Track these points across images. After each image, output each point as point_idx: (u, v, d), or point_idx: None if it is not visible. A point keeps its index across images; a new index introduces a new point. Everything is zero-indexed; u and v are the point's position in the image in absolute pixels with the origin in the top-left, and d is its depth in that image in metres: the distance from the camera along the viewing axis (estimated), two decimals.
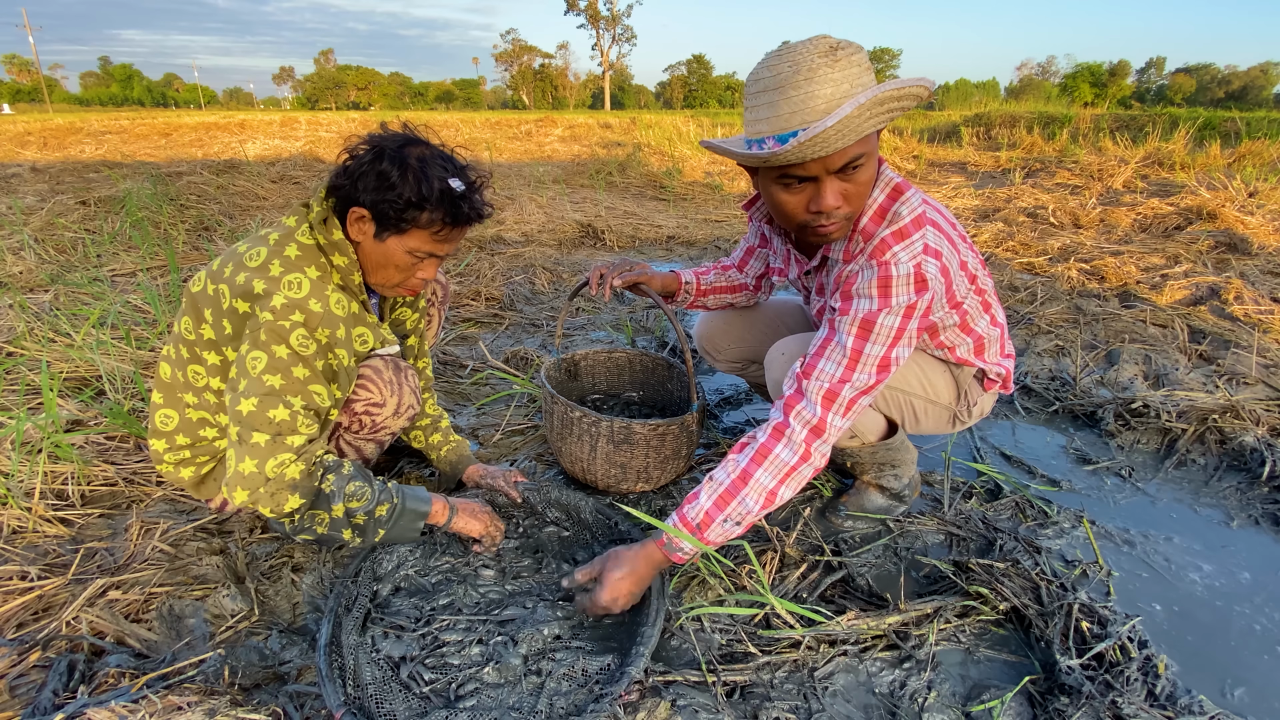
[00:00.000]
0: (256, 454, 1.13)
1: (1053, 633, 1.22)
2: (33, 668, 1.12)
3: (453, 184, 1.18)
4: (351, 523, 1.23)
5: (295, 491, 1.16)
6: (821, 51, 1.02)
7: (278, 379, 1.14)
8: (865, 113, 1.02)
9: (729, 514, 1.21)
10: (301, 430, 1.16)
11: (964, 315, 1.36)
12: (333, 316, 1.18)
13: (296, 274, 1.17)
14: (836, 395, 1.20)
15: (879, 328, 1.17)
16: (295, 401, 1.15)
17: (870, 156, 1.13)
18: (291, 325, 1.14)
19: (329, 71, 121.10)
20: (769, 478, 1.21)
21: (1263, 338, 2.72)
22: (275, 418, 1.13)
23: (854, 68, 1.03)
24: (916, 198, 1.22)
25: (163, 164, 7.57)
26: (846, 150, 1.07)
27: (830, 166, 1.10)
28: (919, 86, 1.06)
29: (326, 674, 1.06)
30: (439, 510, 1.34)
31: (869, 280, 1.18)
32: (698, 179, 8.06)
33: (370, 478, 1.26)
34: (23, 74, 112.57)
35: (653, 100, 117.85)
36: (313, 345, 1.16)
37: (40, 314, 2.71)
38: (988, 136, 12.97)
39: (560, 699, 1.08)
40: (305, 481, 1.17)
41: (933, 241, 1.18)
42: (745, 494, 1.21)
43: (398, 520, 1.26)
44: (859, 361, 1.19)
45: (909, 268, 1.15)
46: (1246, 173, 6.75)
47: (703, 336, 1.88)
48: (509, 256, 4.23)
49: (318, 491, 1.19)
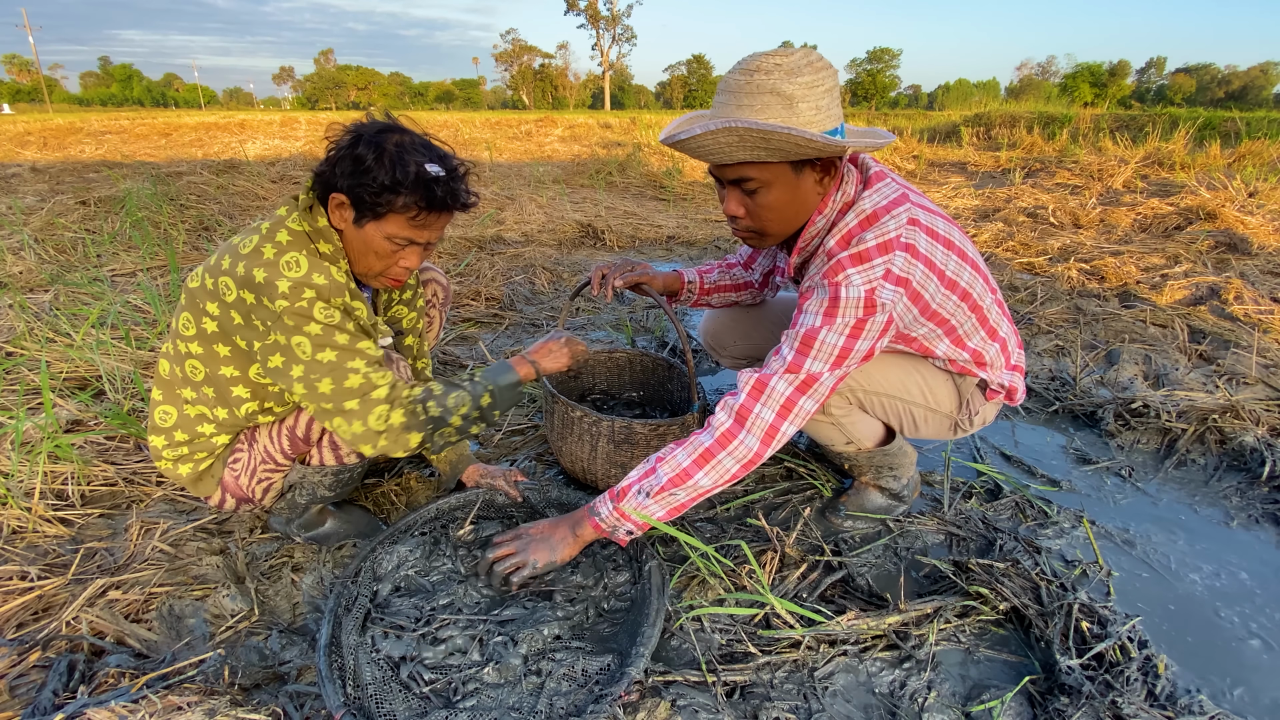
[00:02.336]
0: (357, 417, 1.20)
1: (1053, 633, 1.22)
2: (33, 668, 1.12)
3: (429, 168, 1.17)
4: (470, 421, 1.30)
5: (409, 431, 1.23)
6: (749, 69, 1.11)
7: (329, 353, 1.18)
8: (720, 138, 1.10)
9: (643, 485, 1.25)
10: (378, 382, 1.22)
11: (954, 329, 1.33)
12: (338, 284, 1.20)
13: (292, 253, 1.18)
14: (765, 385, 1.22)
15: (819, 344, 1.18)
16: (358, 363, 1.20)
17: (767, 185, 1.19)
18: (309, 302, 1.16)
19: (329, 71, 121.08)
20: (685, 457, 1.24)
21: (1263, 338, 2.72)
22: (352, 385, 1.19)
23: (765, 95, 1.09)
24: (893, 223, 1.19)
25: (163, 164, 7.57)
26: (730, 167, 1.18)
27: (724, 176, 1.22)
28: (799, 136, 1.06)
29: (326, 674, 1.06)
30: (525, 370, 1.40)
31: (820, 299, 1.19)
32: (698, 179, 8.06)
33: (457, 385, 1.31)
34: (23, 74, 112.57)
35: (653, 100, 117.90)
36: (336, 313, 1.20)
37: (40, 314, 2.71)
38: (988, 136, 12.96)
39: (560, 699, 1.08)
40: (412, 419, 1.23)
41: (898, 268, 1.17)
42: (660, 468, 1.25)
43: (501, 398, 1.35)
44: (799, 371, 1.20)
45: (860, 291, 1.15)
46: (1246, 173, 6.75)
47: (708, 333, 1.88)
48: (509, 256, 4.23)
49: (429, 419, 1.25)
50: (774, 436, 1.22)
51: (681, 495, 1.25)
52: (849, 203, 1.26)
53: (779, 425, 1.22)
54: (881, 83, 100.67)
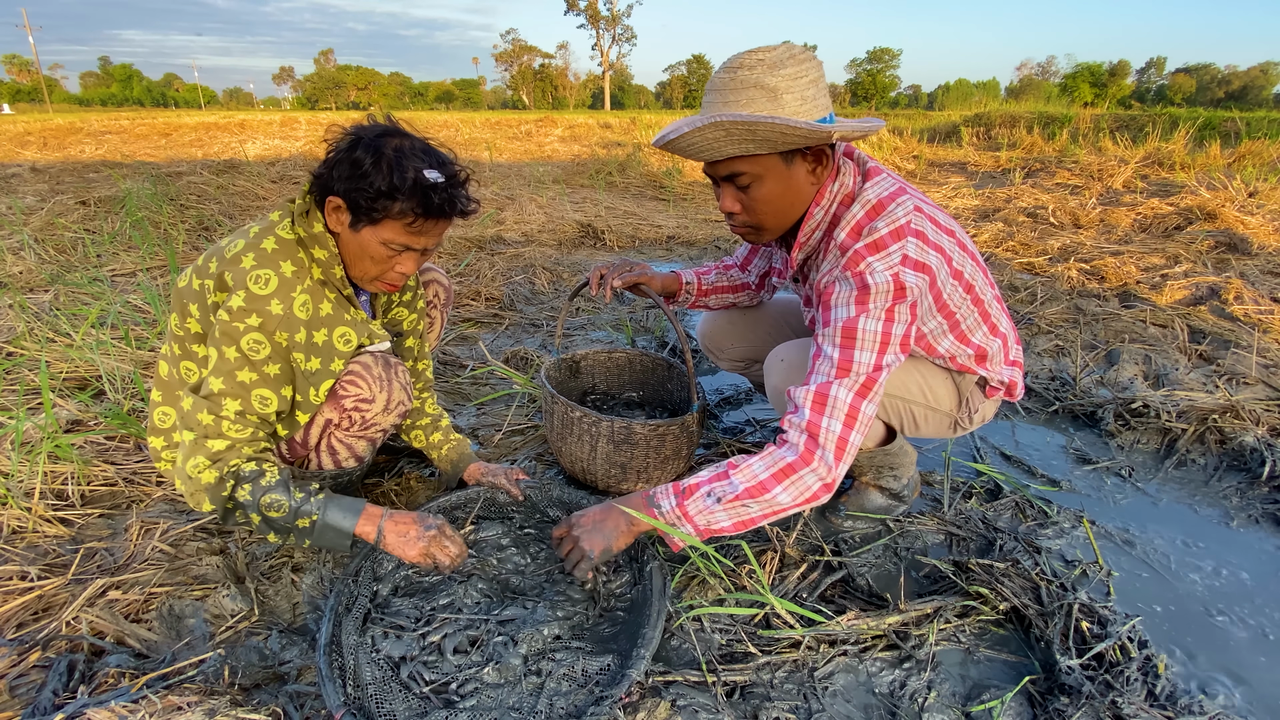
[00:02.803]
0: (182, 451, 1.18)
1: (1053, 633, 1.22)
2: (33, 668, 1.12)
3: (428, 175, 1.16)
4: (274, 528, 1.20)
5: (206, 495, 1.16)
6: (732, 68, 1.13)
7: (219, 382, 1.16)
8: (707, 134, 1.12)
9: (714, 489, 1.20)
10: (228, 434, 1.17)
11: (958, 324, 1.35)
12: (293, 319, 1.17)
13: (267, 270, 1.16)
14: (825, 395, 1.18)
15: (862, 334, 1.17)
16: (230, 406, 1.16)
17: (759, 178, 1.20)
18: (245, 328, 1.14)
19: (329, 71, 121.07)
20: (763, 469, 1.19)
21: (1263, 338, 2.72)
22: (202, 420, 1.16)
23: (750, 89, 1.10)
24: (901, 210, 1.20)
25: (163, 164, 7.57)
26: (721, 163, 1.20)
27: (717, 173, 1.23)
28: (784, 125, 1.07)
29: (326, 674, 1.06)
30: (367, 530, 1.23)
31: (847, 292, 1.19)
32: (698, 179, 8.06)
33: (290, 490, 1.19)
34: (23, 74, 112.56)
35: (653, 100, 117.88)
36: (266, 348, 1.16)
37: (40, 314, 2.71)
38: (988, 136, 12.97)
39: (560, 699, 1.08)
40: (215, 489, 1.16)
41: (913, 253, 1.18)
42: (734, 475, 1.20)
43: (320, 534, 1.20)
44: (850, 370, 1.18)
45: (886, 277, 1.15)
46: (1246, 173, 6.75)
47: (706, 335, 1.88)
48: (509, 256, 4.23)
49: (232, 500, 1.17)
50: (844, 449, 1.17)
51: (755, 509, 1.18)
52: (850, 195, 1.26)
53: (848, 437, 1.17)
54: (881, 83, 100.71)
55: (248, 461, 1.19)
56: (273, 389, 1.20)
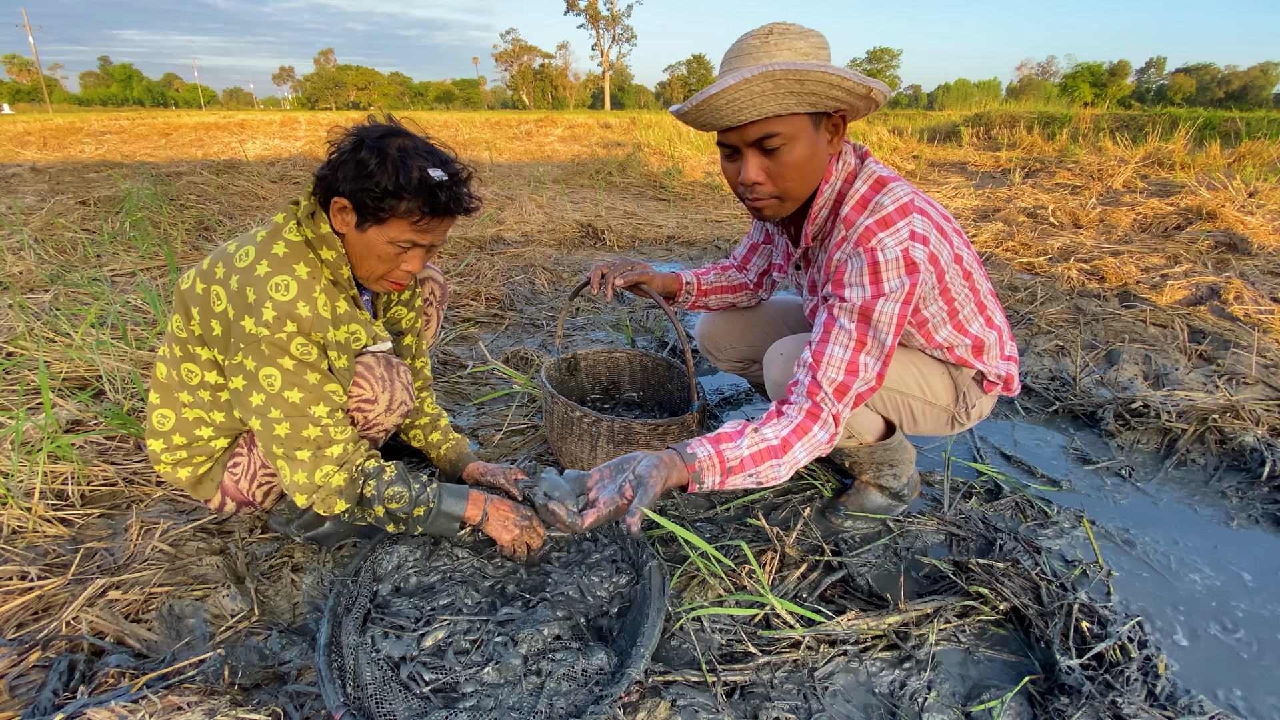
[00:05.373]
0: (304, 468, 1.22)
1: (1053, 633, 1.22)
2: (33, 668, 1.12)
3: (432, 173, 1.18)
4: (394, 519, 1.31)
5: (341, 497, 1.25)
6: (761, 35, 1.12)
7: (296, 393, 1.18)
8: (754, 86, 1.08)
9: (757, 472, 1.20)
10: (336, 438, 1.24)
11: (956, 312, 1.36)
12: (321, 319, 1.19)
13: (284, 275, 1.17)
14: (847, 389, 1.22)
15: (879, 315, 1.19)
16: (320, 410, 1.21)
17: (792, 140, 1.17)
18: (288, 336, 1.15)
19: (329, 71, 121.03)
20: (803, 454, 1.22)
21: (1263, 338, 2.72)
22: (310, 435, 1.21)
23: (784, 50, 1.10)
24: (902, 188, 1.24)
25: (163, 164, 7.57)
26: (755, 124, 1.15)
27: (745, 139, 1.17)
28: (834, 74, 1.08)
29: (326, 674, 1.06)
30: (474, 513, 1.37)
31: (859, 269, 1.20)
32: (698, 179, 8.06)
33: (409, 481, 1.30)
34: (23, 74, 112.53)
35: (653, 100, 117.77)
36: (314, 350, 1.19)
37: (40, 314, 2.71)
38: (988, 136, 12.97)
39: (560, 699, 1.08)
40: (349, 488, 1.25)
41: (919, 228, 1.20)
42: (781, 463, 1.21)
43: (434, 520, 1.33)
44: (863, 349, 1.21)
45: (896, 252, 1.17)
46: (1246, 173, 6.76)
47: (704, 336, 1.88)
48: (509, 256, 4.23)
49: (361, 497, 1.27)
50: (844, 393, 1.22)
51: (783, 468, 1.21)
52: (853, 172, 1.29)
53: (849, 383, 1.22)
54: None
55: (368, 459, 1.28)
56: (336, 382, 1.25)
